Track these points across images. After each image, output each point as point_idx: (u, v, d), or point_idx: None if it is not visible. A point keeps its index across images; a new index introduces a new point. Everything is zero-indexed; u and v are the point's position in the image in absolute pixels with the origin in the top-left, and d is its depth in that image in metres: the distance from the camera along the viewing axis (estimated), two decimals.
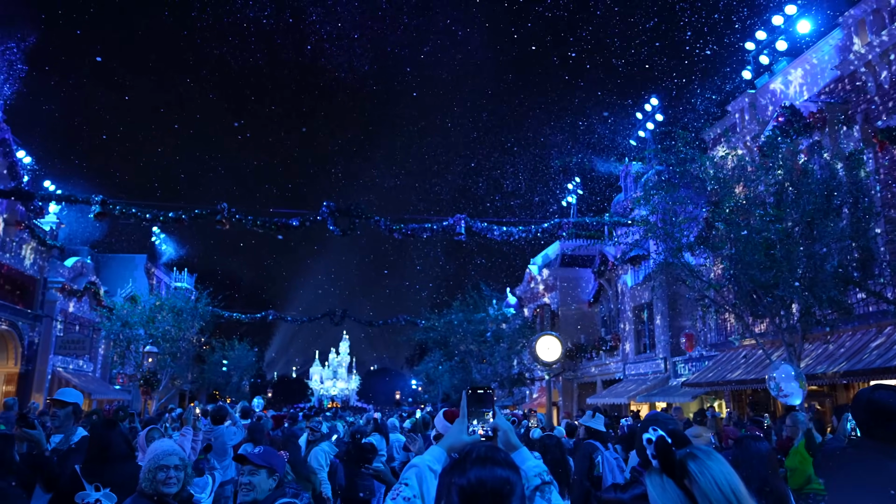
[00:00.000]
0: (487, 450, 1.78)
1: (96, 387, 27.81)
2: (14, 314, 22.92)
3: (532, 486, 1.95)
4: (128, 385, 29.74)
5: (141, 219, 17.91)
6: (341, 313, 40.72)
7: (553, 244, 34.76)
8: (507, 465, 1.74)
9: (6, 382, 23.04)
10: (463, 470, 1.71)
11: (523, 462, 2.02)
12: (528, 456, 2.07)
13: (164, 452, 3.47)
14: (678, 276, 14.09)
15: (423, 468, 1.98)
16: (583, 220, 20.65)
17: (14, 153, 21.99)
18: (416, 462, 2.01)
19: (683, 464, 1.82)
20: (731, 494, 1.74)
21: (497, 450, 1.80)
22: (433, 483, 1.95)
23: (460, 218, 19.36)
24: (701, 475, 1.77)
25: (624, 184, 27.25)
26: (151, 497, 3.37)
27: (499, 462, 1.73)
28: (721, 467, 1.79)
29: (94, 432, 4.50)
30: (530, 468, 2.01)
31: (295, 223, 18.78)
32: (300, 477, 6.43)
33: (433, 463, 2.00)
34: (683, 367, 21.74)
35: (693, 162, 12.79)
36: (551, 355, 21.24)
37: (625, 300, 26.85)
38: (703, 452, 1.85)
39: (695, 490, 1.77)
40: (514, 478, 1.72)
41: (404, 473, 1.99)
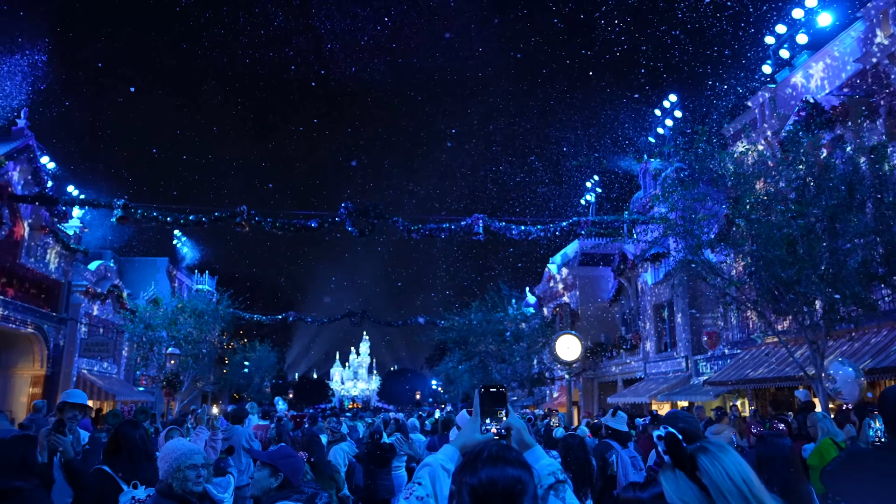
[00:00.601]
0: (499, 449, 1.76)
1: (120, 388, 28.18)
2: (40, 317, 23.29)
3: (546, 485, 1.93)
4: (151, 387, 30.08)
5: (162, 222, 18.14)
6: (361, 314, 40.89)
7: (572, 243, 34.60)
8: (518, 465, 1.72)
9: (33, 384, 23.42)
10: (474, 469, 1.70)
11: (537, 461, 2.01)
12: (541, 454, 2.05)
13: (191, 451, 3.47)
14: (698, 273, 13.96)
15: (436, 467, 1.97)
16: (602, 218, 20.56)
17: (38, 159, 22.35)
18: (429, 461, 2.00)
19: (694, 457, 1.82)
20: (744, 485, 1.74)
21: (509, 449, 1.78)
22: (446, 482, 1.93)
23: (478, 217, 19.38)
24: (712, 467, 1.77)
25: (643, 181, 27.07)
26: (180, 497, 3.39)
27: (510, 461, 1.71)
28: (733, 459, 1.79)
29: (119, 432, 4.56)
30: (544, 466, 1.99)
31: (314, 224, 18.92)
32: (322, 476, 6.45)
33: (446, 462, 1.98)
34: (705, 366, 21.54)
35: (712, 158, 12.67)
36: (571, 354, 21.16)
37: (645, 298, 26.67)
38: (715, 446, 1.86)
39: (706, 482, 1.76)
40: (525, 477, 1.70)
41: (417, 472, 1.98)
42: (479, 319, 31.28)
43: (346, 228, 18.81)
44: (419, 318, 41.29)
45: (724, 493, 1.73)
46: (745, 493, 1.73)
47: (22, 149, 21.56)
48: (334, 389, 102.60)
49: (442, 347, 47.84)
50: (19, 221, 22.17)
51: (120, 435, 4.49)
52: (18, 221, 22.12)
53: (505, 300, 32.00)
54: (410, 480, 1.97)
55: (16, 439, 4.26)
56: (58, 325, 24.53)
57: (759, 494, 1.74)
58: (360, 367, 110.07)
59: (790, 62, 18.68)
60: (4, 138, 21.35)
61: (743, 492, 1.73)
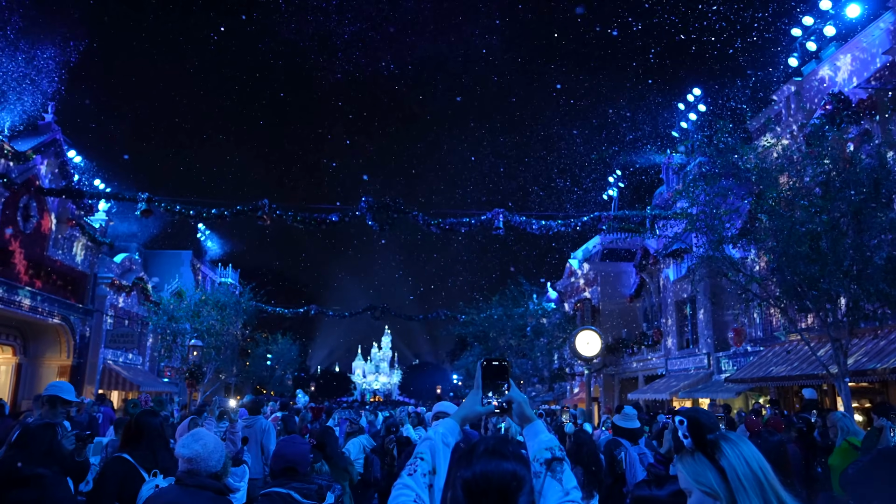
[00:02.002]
0: (496, 443, 1.73)
1: (144, 379, 28.62)
2: (66, 308, 23.73)
3: (542, 460, 1.86)
4: (175, 378, 30.51)
5: (185, 215, 18.35)
6: (382, 308, 41.07)
7: (594, 238, 34.43)
8: (514, 459, 1.69)
9: (59, 374, 23.86)
10: (469, 463, 1.68)
11: (535, 435, 1.96)
12: (541, 429, 2.00)
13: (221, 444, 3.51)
14: (720, 269, 13.81)
15: (436, 441, 1.93)
16: (623, 213, 20.40)
17: (65, 153, 22.73)
18: (429, 435, 1.97)
19: (715, 442, 1.89)
20: (760, 472, 1.81)
21: (506, 442, 1.75)
22: (446, 456, 1.92)
23: (498, 212, 19.33)
24: (731, 452, 1.85)
25: (666, 176, 26.81)
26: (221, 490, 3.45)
27: (506, 455, 1.69)
28: (751, 449, 1.87)
29: (138, 421, 4.64)
30: (542, 441, 1.93)
31: (334, 218, 19.01)
32: (336, 468, 6.50)
33: (447, 436, 1.95)
34: (727, 363, 21.32)
35: (735, 152, 12.51)
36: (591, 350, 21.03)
37: (667, 294, 26.44)
38: (735, 435, 1.93)
39: (725, 465, 1.83)
40: (521, 472, 1.68)
41: (419, 447, 1.94)
42: (500, 314, 31.27)
43: (366, 223, 18.88)
44: (440, 312, 41.40)
45: (740, 476, 1.80)
46: (762, 479, 1.79)
47: (49, 143, 21.94)
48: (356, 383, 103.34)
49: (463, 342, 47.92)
50: (47, 214, 22.58)
51: (140, 423, 4.58)
52: (46, 214, 22.53)
53: (525, 295, 31.94)
54: (414, 454, 1.93)
55: (41, 427, 4.40)
56: (84, 316, 24.97)
57: (773, 483, 1.81)
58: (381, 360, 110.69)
59: (817, 55, 18.34)
60: (32, 133, 21.73)
61: (759, 478, 1.79)
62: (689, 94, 24.16)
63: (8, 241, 20.34)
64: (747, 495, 1.77)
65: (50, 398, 5.49)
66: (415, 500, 1.77)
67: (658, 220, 19.85)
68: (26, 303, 21.15)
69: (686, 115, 23.93)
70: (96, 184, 23.69)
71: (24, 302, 21.00)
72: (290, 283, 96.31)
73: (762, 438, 7.32)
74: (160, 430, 4.61)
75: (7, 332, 22.65)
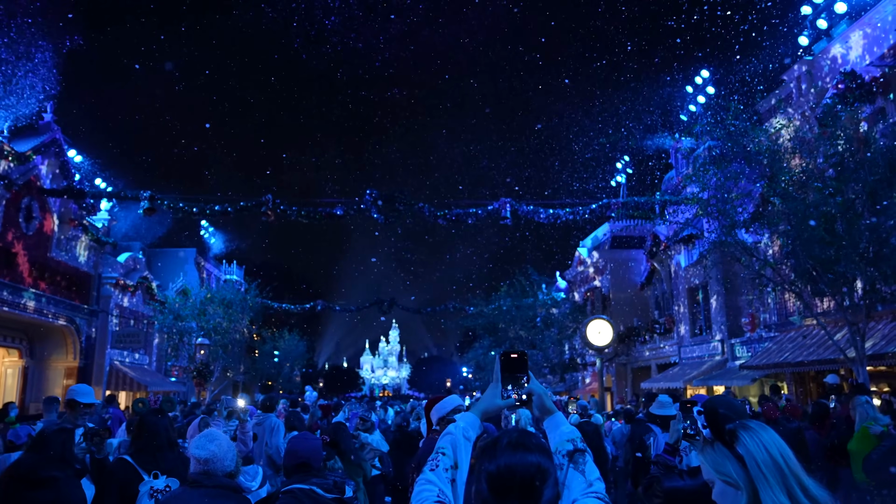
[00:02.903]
0: (520, 435, 1.74)
1: (152, 379, 28.78)
2: (71, 310, 23.86)
3: (564, 452, 1.88)
4: (182, 377, 30.70)
5: (188, 212, 18.40)
6: (389, 302, 41.16)
7: (602, 225, 34.37)
8: (538, 451, 1.70)
9: (66, 376, 24.03)
10: (492, 456, 1.69)
11: (556, 427, 2.00)
12: (562, 421, 2.02)
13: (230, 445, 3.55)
14: (733, 254, 13.76)
15: (457, 435, 1.95)
16: (632, 199, 20.33)
17: (65, 153, 22.79)
18: (450, 429, 1.97)
19: (734, 431, 1.87)
20: (781, 459, 1.79)
21: (529, 435, 1.76)
22: (468, 451, 1.93)
23: (505, 202, 19.31)
24: (751, 440, 1.83)
25: (675, 161, 26.70)
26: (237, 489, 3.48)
27: (530, 448, 1.69)
28: (771, 435, 1.85)
29: (143, 421, 4.69)
30: (563, 433, 1.96)
31: (339, 212, 19.02)
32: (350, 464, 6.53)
33: (467, 430, 1.97)
34: (741, 350, 21.29)
35: (746, 135, 12.45)
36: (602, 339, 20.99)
37: (678, 281, 26.39)
38: (755, 423, 1.92)
39: (744, 453, 1.82)
40: (546, 463, 1.69)
41: (440, 441, 1.95)
42: (509, 305, 31.31)
43: (371, 215, 18.90)
44: (448, 304, 41.46)
45: (760, 464, 1.78)
46: (783, 466, 1.77)
47: (49, 143, 22.00)
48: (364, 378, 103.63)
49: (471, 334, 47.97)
50: (49, 215, 22.68)
51: (142, 423, 4.64)
52: (48, 215, 22.63)
53: (534, 285, 31.95)
54: (435, 449, 1.94)
55: (57, 432, 4.48)
56: (89, 317, 25.11)
57: (795, 470, 1.79)
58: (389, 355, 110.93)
59: (828, 32, 18.18)
60: (31, 133, 21.79)
61: (780, 465, 1.77)
62: (696, 76, 24.03)
63: (11, 243, 20.45)
64: (768, 483, 1.76)
65: (68, 402, 5.60)
66: (438, 495, 1.77)
67: (668, 206, 19.81)
68: (31, 305, 21.27)
69: (694, 98, 23.80)
70: (97, 183, 23.76)
71: (28, 304, 21.13)
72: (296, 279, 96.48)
73: (780, 425, 7.32)
74: (163, 430, 4.65)
75: (13, 335, 22.80)
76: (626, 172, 31.47)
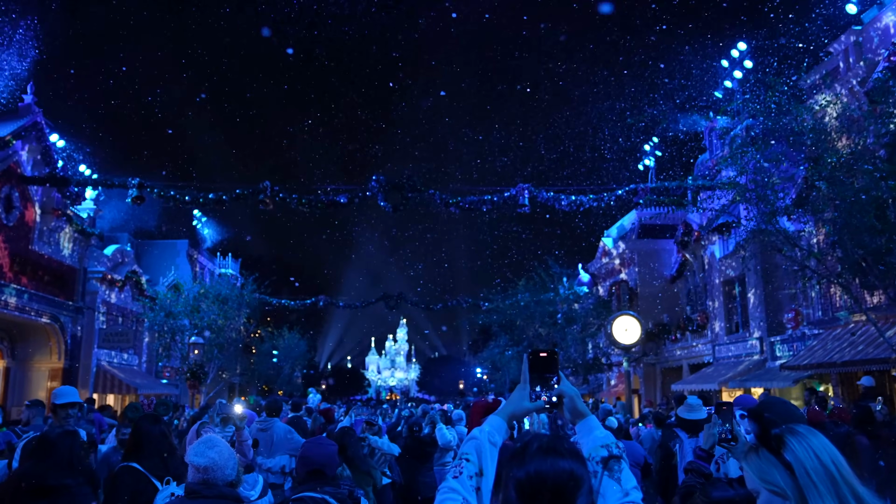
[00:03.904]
0: (551, 440, 1.75)
1: (142, 381, 29.02)
2: (55, 307, 24.04)
3: (598, 458, 1.90)
4: (175, 378, 30.91)
5: (180, 201, 18.50)
6: (397, 297, 41.24)
7: (629, 213, 34.23)
8: (571, 456, 1.71)
9: (51, 378, 24.24)
10: (522, 462, 1.70)
11: (590, 431, 2.01)
12: (595, 425, 2.04)
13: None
14: (773, 244, 13.68)
15: (482, 440, 1.96)
16: (662, 184, 20.27)
17: (47, 137, 22.90)
18: (475, 434, 1.99)
19: (781, 437, 1.86)
20: (832, 466, 1.77)
21: (561, 439, 1.77)
22: (493, 457, 1.94)
23: (523, 188, 19.29)
24: (799, 446, 1.82)
25: (708, 142, 26.53)
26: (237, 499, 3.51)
27: (562, 453, 1.70)
28: (822, 441, 1.84)
29: (139, 428, 4.72)
30: (597, 438, 1.97)
31: (343, 200, 19.07)
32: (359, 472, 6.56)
33: (493, 434, 1.99)
34: (782, 348, 21.18)
35: (788, 113, 12.35)
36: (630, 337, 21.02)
37: (713, 274, 26.29)
38: (803, 428, 1.91)
39: (792, 460, 1.81)
40: (579, 471, 1.70)
41: (464, 447, 1.97)
42: (527, 300, 31.28)
43: (378, 204, 18.93)
44: (461, 299, 41.49)
45: (809, 472, 1.77)
46: (834, 474, 1.76)
47: (30, 126, 22.10)
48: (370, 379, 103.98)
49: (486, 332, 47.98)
50: (30, 205, 22.83)
51: (140, 431, 4.66)
52: (29, 205, 22.78)
53: (555, 278, 31.90)
54: (457, 456, 1.96)
55: (62, 435, 4.52)
56: (74, 314, 25.31)
57: (848, 478, 1.77)
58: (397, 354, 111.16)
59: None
60: (11, 116, 21.92)
61: (831, 472, 1.76)
62: (733, 48, 23.82)
63: None
64: (818, 491, 1.75)
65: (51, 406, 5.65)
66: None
67: (701, 192, 19.72)
68: (12, 301, 21.45)
69: (730, 73, 23.60)
70: (82, 170, 23.91)
71: (9, 301, 21.31)
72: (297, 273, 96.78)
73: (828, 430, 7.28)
74: (163, 436, 4.68)
75: None
76: (654, 155, 31.27)
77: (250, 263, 43.97)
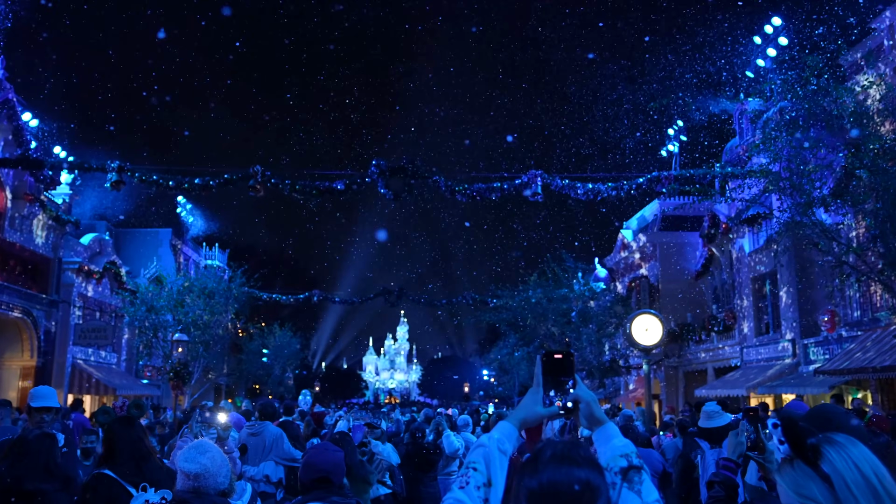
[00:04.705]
0: (565, 447, 1.74)
1: (121, 381, 29.10)
2: (27, 300, 24.07)
3: (617, 469, 1.90)
4: (156, 379, 31.01)
5: (163, 186, 18.46)
6: (398, 292, 41.24)
7: (651, 203, 34.19)
8: (587, 465, 1.70)
9: (22, 377, 24.31)
10: (534, 470, 1.69)
11: (609, 440, 2.01)
12: (614, 433, 2.04)
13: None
14: (809, 238, 13.64)
15: (491, 448, 1.97)
16: (687, 172, 20.16)
17: (19, 116, 22.89)
18: (483, 441, 2.00)
19: (818, 448, 1.84)
20: (874, 478, 1.75)
21: (577, 446, 1.76)
22: (503, 466, 1.95)
23: (536, 174, 19.20)
24: (838, 456, 1.80)
25: (738, 126, 26.46)
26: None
27: (578, 461, 1.69)
28: (863, 451, 1.82)
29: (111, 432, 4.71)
30: (616, 447, 1.98)
31: (340, 186, 19.02)
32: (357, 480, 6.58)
33: (503, 442, 2.00)
34: (816, 351, 21.15)
35: (827, 95, 12.30)
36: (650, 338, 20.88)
37: (741, 270, 26.26)
38: (843, 437, 1.89)
39: (830, 471, 1.78)
40: (596, 480, 1.69)
41: (471, 455, 1.98)
42: (539, 297, 31.27)
43: (378, 191, 18.88)
44: (467, 295, 41.47)
45: (849, 485, 1.75)
46: (877, 487, 1.74)
47: (1, 104, 22.10)
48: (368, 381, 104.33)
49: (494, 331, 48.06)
50: (0, 190, 22.85)
51: (113, 435, 4.65)
52: (0, 190, 22.81)
53: (569, 273, 31.88)
54: (463, 465, 1.98)
55: (39, 438, 4.52)
56: (48, 308, 25.36)
57: (892, 491, 1.75)
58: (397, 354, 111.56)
59: None
60: None
61: (874, 485, 1.74)
62: (766, 24, 23.70)
63: None
64: None
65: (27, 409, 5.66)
66: None
67: (730, 180, 19.63)
68: None
69: (763, 51, 23.48)
70: (57, 152, 23.89)
71: None
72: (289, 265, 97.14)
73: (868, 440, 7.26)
74: (138, 439, 4.67)
75: None
76: (679, 140, 31.18)
77: (239, 254, 44.11)
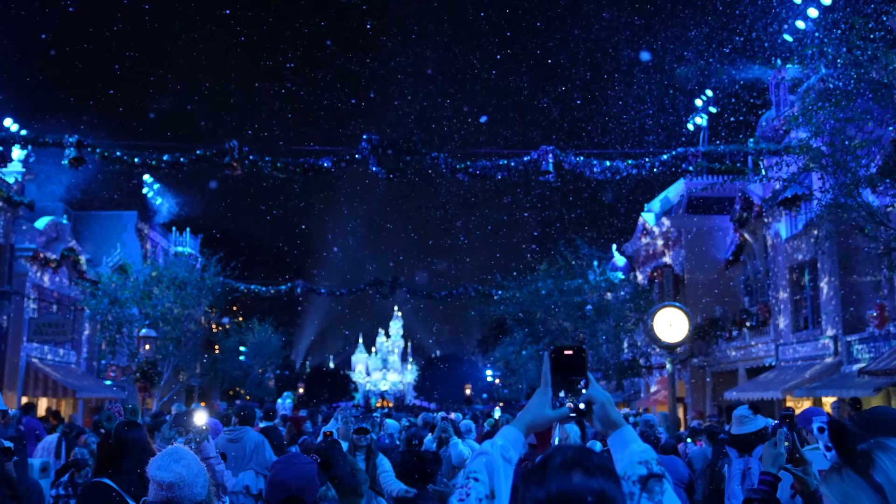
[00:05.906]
0: (576, 453, 1.75)
1: (81, 382, 29.12)
2: None
3: (635, 477, 1.91)
4: (121, 379, 31.04)
5: (128, 164, 18.44)
6: (391, 283, 41.28)
7: (675, 183, 34.15)
8: (601, 473, 1.71)
9: None
10: (541, 479, 1.70)
11: (626, 445, 2.01)
12: (632, 437, 2.04)
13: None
14: (854, 222, 13.65)
15: (494, 456, 1.98)
16: (717, 148, 20.15)
17: None
18: (486, 448, 2.01)
19: (869, 454, 1.87)
20: None
21: (589, 453, 1.77)
22: (508, 476, 1.96)
23: (547, 151, 19.18)
24: (891, 463, 1.83)
25: (775, 97, 26.40)
26: None
27: (591, 469, 1.70)
28: None
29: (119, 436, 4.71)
30: (634, 453, 1.98)
31: (327, 164, 18.99)
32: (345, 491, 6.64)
33: (507, 449, 2.00)
34: (861, 349, 21.19)
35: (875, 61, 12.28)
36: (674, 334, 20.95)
37: (777, 258, 26.27)
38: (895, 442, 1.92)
39: (883, 480, 1.81)
40: (611, 490, 1.70)
41: (472, 464, 1.98)
42: (549, 288, 31.28)
43: (369, 168, 18.87)
44: (468, 286, 41.52)
45: None
46: None
47: None
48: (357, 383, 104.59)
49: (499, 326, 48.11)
50: None
51: (122, 439, 4.65)
52: None
53: (584, 262, 31.88)
54: (465, 474, 1.98)
55: None
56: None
57: None
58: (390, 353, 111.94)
59: None
60: None
61: None
62: None
63: None
64: None
65: None
66: None
67: (765, 157, 19.61)
68: None
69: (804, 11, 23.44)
70: (8, 125, 23.83)
71: None
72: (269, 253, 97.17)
73: None
74: (146, 445, 4.71)
75: None
76: (708, 112, 31.14)
77: (213, 240, 44.12)
